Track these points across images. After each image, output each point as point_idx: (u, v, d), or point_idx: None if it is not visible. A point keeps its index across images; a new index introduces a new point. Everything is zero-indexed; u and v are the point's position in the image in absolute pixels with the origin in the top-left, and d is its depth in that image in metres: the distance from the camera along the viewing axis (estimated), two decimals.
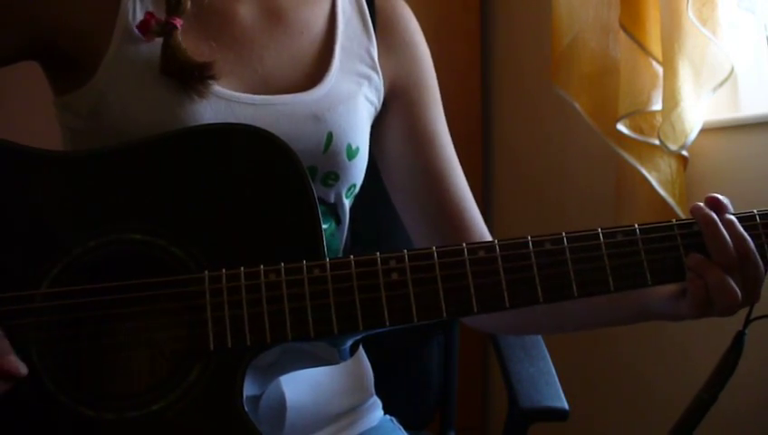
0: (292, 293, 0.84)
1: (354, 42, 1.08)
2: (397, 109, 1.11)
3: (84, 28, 0.97)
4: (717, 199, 0.90)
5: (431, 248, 0.86)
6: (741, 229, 0.89)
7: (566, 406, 1.28)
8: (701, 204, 0.91)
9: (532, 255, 0.87)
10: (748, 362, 0.93)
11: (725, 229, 0.88)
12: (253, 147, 0.89)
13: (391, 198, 1.14)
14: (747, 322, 0.92)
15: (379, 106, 1.10)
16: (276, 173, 0.88)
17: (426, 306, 0.85)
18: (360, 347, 1.12)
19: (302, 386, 1.00)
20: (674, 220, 0.90)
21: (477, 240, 1.10)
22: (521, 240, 0.87)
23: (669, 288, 0.92)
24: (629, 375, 2.07)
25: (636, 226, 0.89)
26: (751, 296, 0.89)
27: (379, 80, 1.09)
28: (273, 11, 1.05)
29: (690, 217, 0.90)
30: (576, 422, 1.40)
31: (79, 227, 0.86)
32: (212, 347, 0.83)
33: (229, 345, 0.83)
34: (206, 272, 0.84)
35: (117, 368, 0.84)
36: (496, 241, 0.87)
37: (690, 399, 0.92)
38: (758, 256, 0.89)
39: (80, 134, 1.00)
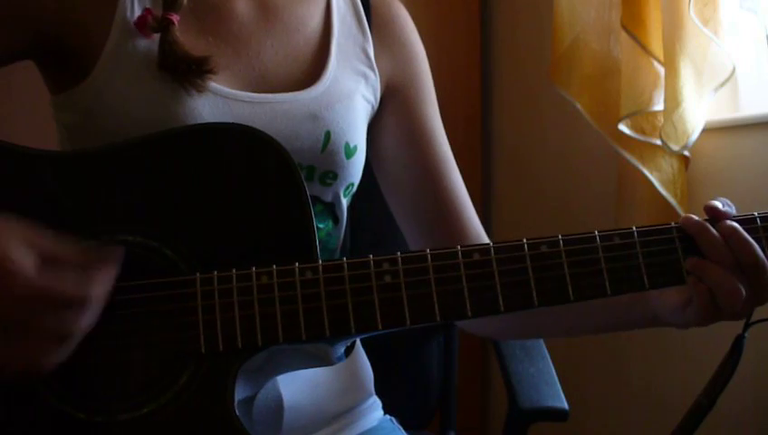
0: (283, 295, 0.83)
1: (350, 40, 1.08)
2: (392, 107, 1.11)
3: (82, 24, 0.97)
4: (714, 209, 0.88)
5: (425, 251, 0.85)
6: (744, 235, 0.86)
7: (566, 406, 1.28)
8: (691, 215, 0.88)
9: (528, 258, 0.85)
10: (746, 363, 0.92)
11: (729, 238, 0.86)
12: (246, 146, 0.88)
13: (386, 198, 1.14)
14: (747, 325, 0.90)
15: (376, 105, 1.09)
16: (270, 173, 0.88)
17: (419, 310, 0.84)
18: (360, 347, 1.11)
19: (300, 386, 0.99)
20: (672, 223, 0.88)
21: (473, 241, 1.10)
22: (516, 243, 0.86)
23: (677, 297, 0.91)
24: (629, 375, 2.07)
25: (633, 228, 0.87)
26: (761, 297, 0.87)
27: (375, 78, 1.09)
28: (268, 7, 1.04)
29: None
30: (576, 422, 1.40)
31: (71, 227, 0.84)
32: (203, 350, 0.82)
33: (221, 348, 0.82)
34: (198, 274, 0.84)
35: (108, 370, 0.83)
36: (491, 244, 0.86)
37: (688, 398, 0.91)
38: (766, 260, 0.86)
39: (76, 132, 0.99)
